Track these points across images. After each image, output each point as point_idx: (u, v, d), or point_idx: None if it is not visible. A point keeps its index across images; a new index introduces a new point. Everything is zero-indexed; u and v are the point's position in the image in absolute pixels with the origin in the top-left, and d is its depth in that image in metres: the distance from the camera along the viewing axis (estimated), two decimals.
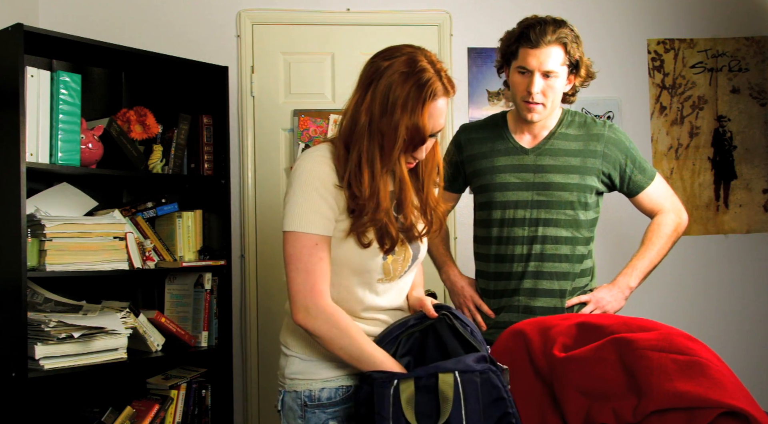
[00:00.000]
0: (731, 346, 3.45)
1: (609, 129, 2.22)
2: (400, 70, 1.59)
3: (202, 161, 3.01)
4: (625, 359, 1.44)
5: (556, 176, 2.18)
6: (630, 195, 2.28)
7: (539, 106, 2.14)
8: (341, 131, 1.64)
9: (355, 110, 1.61)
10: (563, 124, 2.23)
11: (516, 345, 1.64)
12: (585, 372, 1.48)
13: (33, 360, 2.41)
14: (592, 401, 1.44)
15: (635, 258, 2.25)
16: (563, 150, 2.20)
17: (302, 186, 1.58)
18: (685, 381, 1.35)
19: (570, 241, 2.19)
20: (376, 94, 1.59)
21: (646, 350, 1.43)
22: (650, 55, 3.52)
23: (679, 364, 1.39)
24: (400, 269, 1.69)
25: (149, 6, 3.29)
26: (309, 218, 1.56)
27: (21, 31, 2.41)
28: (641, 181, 2.25)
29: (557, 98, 2.16)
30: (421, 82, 1.58)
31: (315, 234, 1.56)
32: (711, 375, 1.37)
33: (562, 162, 2.19)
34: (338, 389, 1.64)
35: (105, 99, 3.06)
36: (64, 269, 2.51)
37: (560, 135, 2.22)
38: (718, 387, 1.35)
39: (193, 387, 2.94)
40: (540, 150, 2.22)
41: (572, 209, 2.18)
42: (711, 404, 1.32)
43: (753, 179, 3.54)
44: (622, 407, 1.39)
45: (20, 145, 2.39)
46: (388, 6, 3.40)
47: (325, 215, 1.57)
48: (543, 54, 2.08)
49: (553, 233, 2.18)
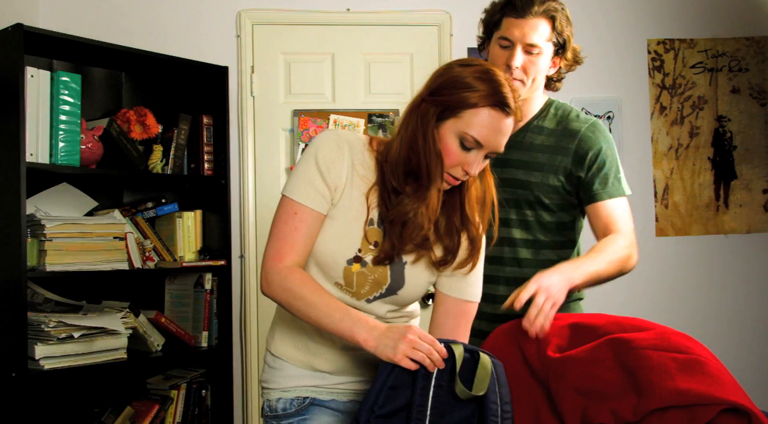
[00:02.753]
0: (731, 346, 3.45)
1: (589, 127, 1.93)
2: (476, 72, 1.46)
3: (202, 161, 3.01)
4: (622, 358, 1.44)
5: (518, 173, 1.92)
6: (583, 204, 1.93)
7: (517, 84, 1.87)
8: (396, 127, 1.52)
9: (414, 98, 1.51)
10: (541, 116, 1.97)
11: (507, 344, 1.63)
12: (581, 372, 1.48)
13: (33, 360, 2.41)
14: (589, 401, 1.44)
15: (582, 258, 1.83)
16: (533, 145, 1.94)
17: (306, 155, 1.51)
18: (686, 379, 1.36)
19: (530, 244, 1.94)
20: (433, 80, 1.49)
21: (644, 349, 1.43)
22: (650, 55, 3.52)
23: (679, 362, 1.39)
24: (367, 290, 1.53)
25: (149, 6, 3.29)
26: (297, 186, 1.48)
27: (21, 31, 2.42)
28: (598, 192, 1.89)
29: (539, 78, 1.91)
30: (497, 88, 1.44)
31: (297, 202, 1.47)
32: (710, 373, 1.38)
33: (528, 158, 1.93)
34: (294, 400, 1.57)
35: (105, 99, 3.06)
36: (64, 269, 2.51)
37: (534, 128, 1.95)
38: (719, 384, 1.36)
39: (193, 387, 2.94)
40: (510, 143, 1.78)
41: (532, 210, 1.92)
42: (713, 401, 1.32)
43: (753, 179, 3.54)
44: (620, 407, 1.40)
45: (20, 145, 2.39)
46: (388, 6, 3.40)
47: (317, 187, 1.48)
48: (528, 25, 1.86)
49: (510, 235, 1.93)
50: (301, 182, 1.48)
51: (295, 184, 1.49)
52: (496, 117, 1.45)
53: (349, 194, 1.51)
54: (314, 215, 1.48)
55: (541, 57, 1.88)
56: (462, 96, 1.43)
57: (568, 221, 1.95)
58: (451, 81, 1.45)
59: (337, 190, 1.50)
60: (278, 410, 1.58)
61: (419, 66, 3.38)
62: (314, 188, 1.48)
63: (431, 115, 1.45)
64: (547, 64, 1.92)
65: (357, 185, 1.51)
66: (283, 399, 1.58)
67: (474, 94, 1.43)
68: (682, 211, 3.51)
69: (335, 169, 1.49)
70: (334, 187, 1.50)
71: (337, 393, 1.59)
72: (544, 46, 1.88)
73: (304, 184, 1.48)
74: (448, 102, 1.44)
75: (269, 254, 1.50)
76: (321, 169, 1.48)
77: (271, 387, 1.60)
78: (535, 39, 1.86)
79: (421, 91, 1.51)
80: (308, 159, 1.50)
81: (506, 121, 1.46)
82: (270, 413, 1.59)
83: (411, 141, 1.46)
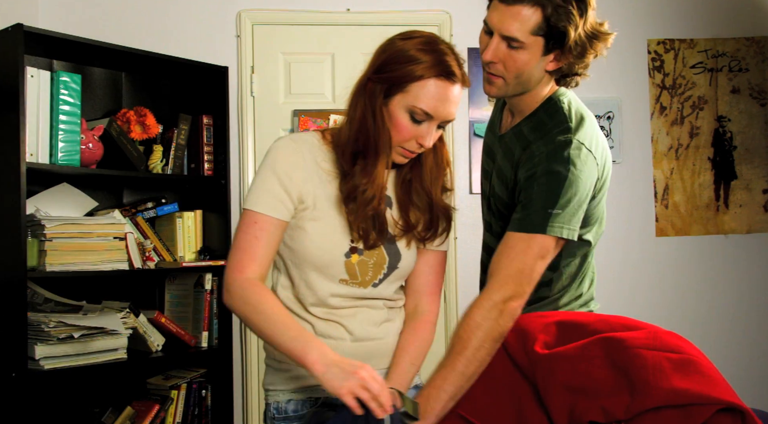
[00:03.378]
0: (731, 346, 3.45)
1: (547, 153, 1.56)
2: (418, 44, 1.45)
3: (202, 161, 3.01)
4: (614, 357, 1.44)
5: (495, 179, 1.72)
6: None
7: (499, 81, 1.61)
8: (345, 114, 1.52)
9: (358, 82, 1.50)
10: (532, 118, 1.66)
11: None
12: (570, 369, 1.47)
13: (33, 360, 2.41)
14: (578, 398, 1.44)
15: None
16: (509, 151, 1.68)
17: (262, 166, 1.51)
18: (681, 379, 1.36)
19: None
20: (375, 59, 1.48)
21: (638, 348, 1.43)
22: (650, 55, 3.52)
23: (673, 362, 1.39)
24: (371, 275, 1.54)
25: (149, 6, 3.29)
26: (256, 196, 1.48)
27: (21, 31, 2.42)
28: (513, 220, 1.58)
29: (525, 76, 1.59)
30: (440, 58, 1.44)
31: (257, 212, 1.47)
32: (705, 373, 1.38)
33: (504, 166, 1.69)
34: (305, 402, 1.56)
35: (105, 99, 3.06)
36: (64, 269, 2.51)
37: (519, 132, 1.68)
38: (713, 384, 1.36)
39: (193, 387, 2.94)
40: (502, 141, 1.72)
41: (504, 221, 1.67)
42: (710, 401, 1.32)
43: (753, 179, 3.54)
44: (611, 405, 1.40)
45: (20, 145, 2.39)
46: (388, 6, 3.40)
47: (276, 195, 1.47)
48: (508, 12, 1.53)
49: (493, 244, 1.68)
50: (260, 192, 1.49)
51: (254, 194, 1.50)
52: (443, 86, 1.45)
53: (323, 192, 1.51)
54: (274, 223, 1.48)
55: (522, 52, 1.55)
56: (407, 70, 1.43)
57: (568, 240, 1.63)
58: (395, 56, 1.45)
59: (306, 194, 1.50)
60: (289, 412, 1.56)
61: None
62: (273, 196, 1.48)
63: (378, 93, 1.45)
64: (534, 61, 1.57)
65: (328, 181, 1.52)
66: (294, 400, 1.56)
67: (418, 67, 1.42)
68: (682, 211, 3.51)
69: (296, 174, 1.49)
70: (297, 192, 1.49)
71: None
72: (527, 40, 1.54)
73: (263, 194, 1.48)
74: (394, 78, 1.44)
75: (231, 264, 1.49)
76: (279, 177, 1.48)
77: (280, 388, 1.58)
78: (514, 31, 1.53)
79: (365, 71, 1.50)
80: (265, 169, 1.50)
81: (453, 90, 1.47)
82: (279, 415, 1.56)
83: (360, 122, 1.47)
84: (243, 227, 1.49)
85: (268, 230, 1.47)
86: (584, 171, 1.55)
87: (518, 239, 1.55)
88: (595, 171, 1.59)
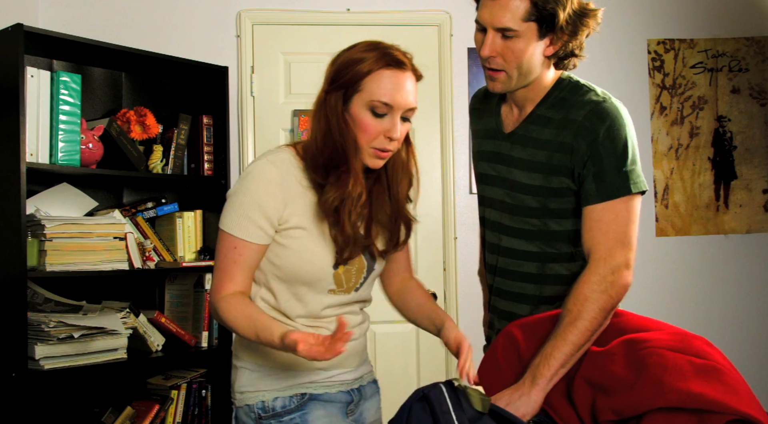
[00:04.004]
0: (731, 346, 3.44)
1: (588, 114, 1.60)
2: (362, 47, 1.55)
3: (202, 161, 3.01)
4: (635, 355, 1.44)
5: (519, 174, 1.69)
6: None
7: (501, 75, 1.63)
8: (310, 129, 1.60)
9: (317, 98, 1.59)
10: (547, 100, 1.68)
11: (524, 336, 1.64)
12: (593, 365, 1.49)
13: (33, 360, 2.41)
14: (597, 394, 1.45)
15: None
16: (533, 139, 1.67)
17: (241, 189, 1.55)
18: (700, 383, 1.35)
19: (536, 257, 1.69)
20: (328, 73, 1.57)
21: (661, 348, 1.42)
22: (650, 55, 3.52)
23: (696, 366, 1.38)
24: (354, 280, 1.62)
25: (149, 6, 3.29)
26: (235, 221, 1.53)
27: (21, 31, 2.41)
28: (589, 193, 1.59)
29: (526, 65, 1.61)
30: (385, 51, 1.53)
31: (236, 237, 1.54)
32: (726, 382, 1.37)
33: (529, 156, 1.67)
34: (293, 397, 1.60)
35: (105, 99, 3.06)
36: (64, 269, 2.51)
37: (536, 118, 1.68)
38: (733, 394, 1.34)
39: (193, 387, 2.94)
40: (515, 136, 1.71)
41: (537, 218, 1.67)
42: (724, 410, 1.31)
43: (753, 179, 3.54)
44: (620, 403, 1.40)
45: (20, 145, 2.39)
46: (388, 6, 3.40)
47: (255, 221, 1.52)
48: (497, 5, 1.57)
49: (516, 246, 1.71)
50: (239, 218, 1.53)
51: (232, 219, 1.54)
52: (393, 75, 1.52)
53: (306, 209, 1.55)
54: (253, 247, 1.54)
55: (518, 41, 1.58)
56: (356, 70, 1.51)
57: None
58: (344, 63, 1.53)
59: (290, 215, 1.55)
60: (277, 409, 1.58)
61: (419, 66, 3.37)
62: (252, 223, 1.53)
63: (337, 101, 1.53)
64: (532, 47, 1.60)
65: (308, 196, 1.56)
66: (282, 397, 1.59)
67: (366, 64, 1.50)
68: (682, 211, 3.51)
69: (277, 199, 1.53)
70: (277, 216, 1.54)
71: (329, 386, 1.64)
72: (521, 28, 1.57)
73: (242, 220, 1.53)
74: (347, 81, 1.52)
75: (212, 286, 1.58)
76: (260, 204, 1.53)
77: (264, 389, 1.60)
78: (506, 21, 1.56)
79: (322, 87, 1.58)
80: (245, 194, 1.54)
81: (405, 76, 1.54)
82: (265, 413, 1.59)
83: (324, 134, 1.54)
84: (222, 250, 1.56)
85: (245, 255, 1.55)
86: (629, 120, 1.64)
87: (603, 209, 1.58)
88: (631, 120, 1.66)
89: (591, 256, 1.58)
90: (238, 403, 1.63)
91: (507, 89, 1.67)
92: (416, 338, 3.35)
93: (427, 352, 3.33)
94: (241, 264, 1.54)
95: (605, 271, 1.55)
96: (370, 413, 1.73)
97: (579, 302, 1.53)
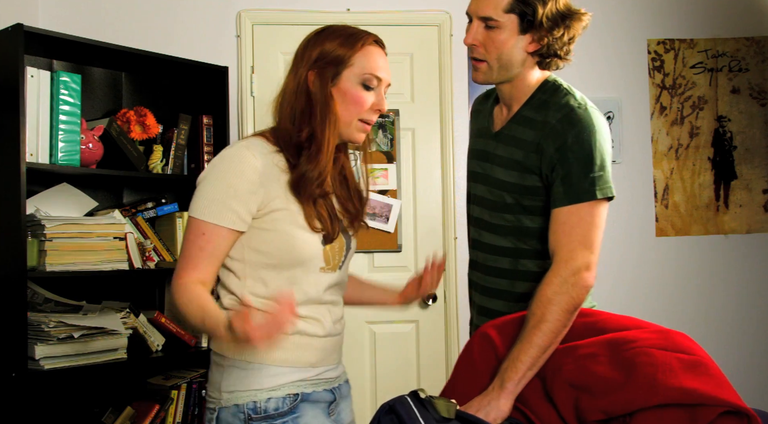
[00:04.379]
0: (731, 346, 3.45)
1: (562, 118, 1.63)
2: (339, 27, 1.60)
3: (202, 161, 3.01)
4: (622, 356, 1.45)
5: (499, 171, 1.73)
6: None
7: (483, 65, 1.68)
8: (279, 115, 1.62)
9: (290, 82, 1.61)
10: (531, 102, 1.71)
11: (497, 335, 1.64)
12: (575, 367, 1.49)
13: (33, 360, 2.41)
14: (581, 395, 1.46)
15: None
16: (515, 139, 1.71)
17: (212, 175, 1.53)
18: (691, 379, 1.37)
19: (510, 252, 1.73)
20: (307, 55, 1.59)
21: (648, 347, 1.44)
22: (650, 55, 3.52)
23: (684, 362, 1.40)
24: (337, 258, 1.62)
25: (149, 6, 3.29)
26: (207, 206, 1.51)
27: (21, 31, 2.42)
28: (557, 196, 1.62)
29: (506, 57, 1.66)
30: (362, 30, 1.60)
31: (206, 221, 1.50)
32: (714, 375, 1.40)
33: (508, 154, 1.71)
34: (285, 399, 1.55)
35: (105, 99, 3.06)
36: (64, 269, 2.51)
37: (520, 118, 1.72)
38: (722, 387, 1.37)
39: (193, 387, 2.94)
40: (500, 135, 1.75)
41: (512, 214, 1.71)
42: (717, 403, 1.33)
43: (753, 179, 3.54)
44: (610, 404, 1.41)
45: (20, 145, 2.39)
46: (388, 6, 3.40)
47: (230, 206, 1.50)
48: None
49: (492, 241, 1.76)
50: (209, 202, 1.51)
51: (203, 204, 1.51)
52: (378, 52, 1.60)
53: (284, 191, 1.55)
54: (223, 233, 1.51)
55: (500, 32, 1.64)
56: (346, 46, 1.56)
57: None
58: (327, 43, 1.57)
59: (271, 198, 1.54)
60: (270, 411, 1.54)
61: (419, 66, 3.38)
62: (225, 206, 1.50)
63: (327, 78, 1.56)
64: (512, 41, 1.65)
65: (285, 179, 1.57)
66: (275, 398, 1.54)
67: (354, 40, 1.57)
68: (682, 211, 3.51)
69: (250, 183, 1.52)
70: (256, 200, 1.53)
71: (316, 384, 1.61)
72: (502, 19, 1.63)
73: (213, 204, 1.51)
74: (337, 58, 1.56)
75: (174, 273, 1.54)
76: (235, 187, 1.51)
77: (256, 388, 1.55)
78: (489, 11, 1.63)
79: (295, 71, 1.60)
80: (216, 178, 1.52)
81: (383, 53, 1.61)
82: (256, 415, 1.54)
83: (303, 111, 1.57)
84: (190, 236, 1.53)
85: (214, 242, 1.51)
86: (604, 126, 1.65)
87: (569, 212, 1.60)
88: (608, 127, 1.67)
89: (554, 257, 1.60)
90: (224, 403, 1.55)
91: (488, 80, 1.72)
92: (416, 338, 3.35)
93: (427, 352, 3.33)
94: (208, 251, 1.51)
95: (566, 273, 1.56)
96: (346, 413, 1.70)
97: (542, 304, 1.55)
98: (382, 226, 3.30)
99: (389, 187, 3.32)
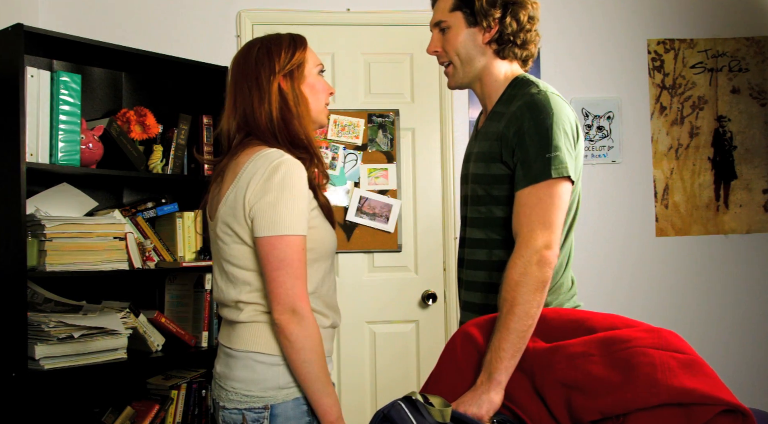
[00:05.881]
0: (731, 346, 3.46)
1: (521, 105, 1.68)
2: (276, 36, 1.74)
3: (202, 161, 3.01)
4: (617, 356, 1.45)
5: (473, 166, 1.80)
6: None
7: (450, 69, 1.80)
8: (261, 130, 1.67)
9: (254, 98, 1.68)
10: (503, 98, 1.77)
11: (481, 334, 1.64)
12: (567, 366, 1.49)
13: (33, 360, 2.41)
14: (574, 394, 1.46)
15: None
16: (487, 134, 1.77)
17: (290, 189, 1.57)
18: (689, 378, 1.37)
19: (484, 244, 1.76)
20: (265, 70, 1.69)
21: (644, 347, 1.44)
22: (650, 55, 3.52)
23: (680, 362, 1.41)
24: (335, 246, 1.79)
25: (149, 6, 3.29)
26: (298, 222, 1.57)
27: (21, 31, 2.41)
28: (518, 179, 1.65)
29: (463, 51, 1.75)
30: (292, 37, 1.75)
31: (300, 235, 1.58)
32: (708, 374, 1.40)
33: (480, 148, 1.78)
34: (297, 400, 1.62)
35: (105, 99, 3.06)
36: (64, 269, 2.51)
37: (493, 114, 1.78)
38: (718, 386, 1.37)
39: (193, 387, 2.94)
40: (478, 135, 1.83)
41: (484, 205, 1.75)
42: (716, 402, 1.33)
43: (753, 179, 3.54)
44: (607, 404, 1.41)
45: (20, 145, 2.39)
46: (388, 6, 3.40)
47: (306, 215, 1.61)
48: (436, 6, 1.81)
49: (471, 235, 1.81)
50: (299, 217, 1.57)
51: (294, 220, 1.57)
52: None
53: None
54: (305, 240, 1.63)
55: (451, 31, 1.76)
56: (299, 50, 1.73)
57: None
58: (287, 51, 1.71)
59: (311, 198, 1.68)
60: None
61: (419, 66, 3.38)
62: (305, 217, 1.60)
63: (297, 79, 1.70)
64: (465, 37, 1.75)
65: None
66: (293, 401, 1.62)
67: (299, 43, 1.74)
68: (682, 211, 3.51)
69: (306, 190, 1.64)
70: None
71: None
72: (450, 18, 1.75)
73: (300, 217, 1.58)
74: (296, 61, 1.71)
75: (293, 292, 1.55)
76: (305, 197, 1.61)
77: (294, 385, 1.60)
78: (439, 15, 1.78)
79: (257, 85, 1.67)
80: (293, 193, 1.58)
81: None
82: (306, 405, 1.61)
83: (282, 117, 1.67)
84: (295, 254, 1.56)
85: (305, 251, 1.61)
86: (563, 110, 1.66)
87: (528, 193, 1.62)
88: (572, 113, 1.70)
89: (517, 239, 1.62)
90: (281, 398, 1.58)
91: (459, 82, 1.81)
92: (416, 338, 3.35)
93: (427, 352, 3.33)
94: (305, 261, 1.59)
95: (528, 253, 1.57)
96: None
97: (511, 288, 1.56)
98: (382, 226, 3.30)
99: (389, 187, 3.32)
